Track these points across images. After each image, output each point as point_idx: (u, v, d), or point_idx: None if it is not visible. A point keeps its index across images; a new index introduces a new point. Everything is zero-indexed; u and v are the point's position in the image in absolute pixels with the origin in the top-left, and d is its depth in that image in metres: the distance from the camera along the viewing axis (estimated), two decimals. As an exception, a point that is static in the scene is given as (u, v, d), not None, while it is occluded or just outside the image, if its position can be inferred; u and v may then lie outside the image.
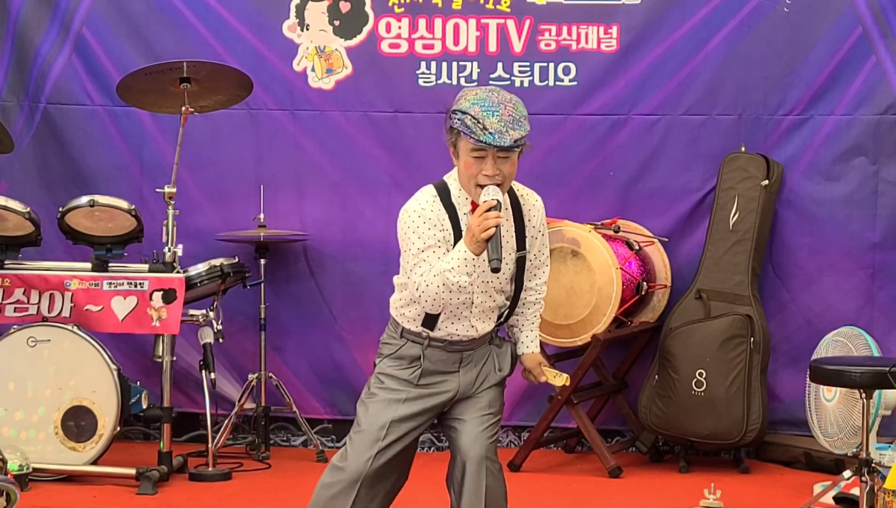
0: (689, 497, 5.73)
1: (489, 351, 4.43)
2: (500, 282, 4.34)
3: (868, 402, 5.29)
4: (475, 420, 4.39)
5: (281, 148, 7.00)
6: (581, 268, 6.32)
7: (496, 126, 4.22)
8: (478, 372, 4.40)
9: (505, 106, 4.26)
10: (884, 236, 6.59)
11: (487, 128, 4.22)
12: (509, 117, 4.25)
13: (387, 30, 6.91)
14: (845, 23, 6.59)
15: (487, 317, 4.37)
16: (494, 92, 4.32)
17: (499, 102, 4.26)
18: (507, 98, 4.29)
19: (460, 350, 4.38)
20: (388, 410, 4.36)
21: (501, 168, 4.26)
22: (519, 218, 4.38)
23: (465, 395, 4.40)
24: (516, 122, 4.25)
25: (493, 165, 4.25)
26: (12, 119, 7.04)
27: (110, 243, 6.28)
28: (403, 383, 4.37)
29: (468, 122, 4.24)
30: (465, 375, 4.40)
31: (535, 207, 4.41)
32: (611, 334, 6.40)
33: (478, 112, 4.24)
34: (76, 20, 7.00)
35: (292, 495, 6.00)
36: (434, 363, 4.37)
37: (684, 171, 6.78)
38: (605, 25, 6.78)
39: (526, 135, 4.27)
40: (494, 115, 4.23)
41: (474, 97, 4.28)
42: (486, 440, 4.36)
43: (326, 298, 6.99)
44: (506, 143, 4.22)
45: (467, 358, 4.39)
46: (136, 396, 6.19)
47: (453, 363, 4.38)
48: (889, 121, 6.59)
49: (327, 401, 7.03)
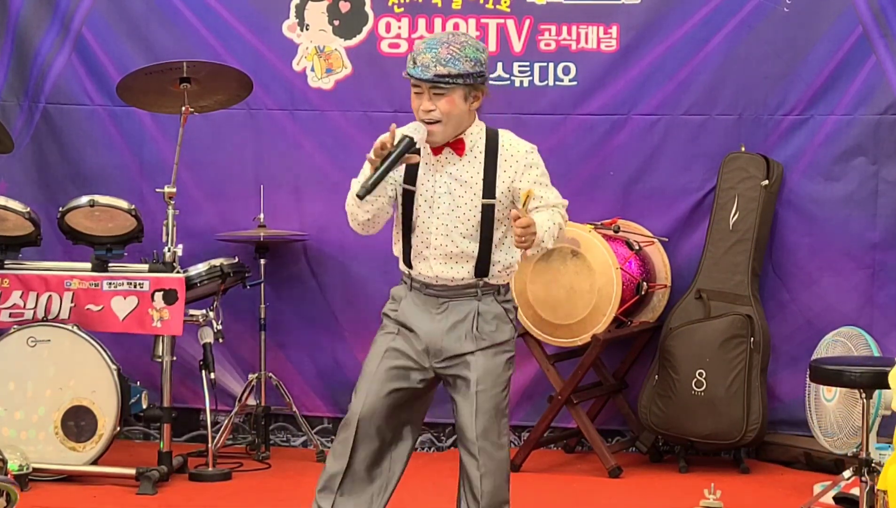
0: (689, 497, 5.73)
1: (472, 309, 4.36)
2: (462, 228, 4.32)
3: (868, 402, 5.30)
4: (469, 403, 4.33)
5: (281, 148, 7.00)
6: (581, 268, 6.32)
7: (425, 60, 4.28)
8: (451, 326, 4.34)
9: (450, 45, 4.29)
10: (884, 236, 6.59)
11: (417, 62, 4.30)
12: (447, 55, 4.27)
13: (386, 30, 6.91)
14: (845, 23, 6.58)
15: (451, 262, 4.34)
16: (452, 34, 4.37)
17: (444, 42, 4.30)
18: (458, 40, 4.31)
19: (435, 295, 4.36)
20: (383, 346, 4.40)
21: (437, 104, 4.30)
22: (491, 166, 4.35)
23: (438, 353, 4.34)
24: (454, 60, 4.27)
25: (428, 101, 4.31)
26: (12, 119, 7.04)
27: (110, 243, 6.28)
28: (393, 322, 4.42)
29: (408, 58, 4.35)
30: (435, 323, 4.36)
31: (514, 155, 4.36)
32: (611, 334, 6.40)
33: (419, 48, 4.33)
34: (76, 20, 7.00)
35: (292, 495, 6.00)
36: (415, 305, 4.38)
37: (684, 171, 6.78)
38: (605, 25, 6.78)
39: (461, 74, 4.26)
40: (431, 50, 4.29)
41: (430, 36, 4.40)
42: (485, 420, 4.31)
43: (327, 297, 6.99)
44: (425, 76, 4.27)
45: (443, 306, 4.35)
46: (136, 396, 6.19)
47: (430, 309, 4.36)
48: (889, 121, 6.59)
49: (329, 400, 7.03)
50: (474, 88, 4.34)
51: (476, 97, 4.36)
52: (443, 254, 4.34)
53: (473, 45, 4.32)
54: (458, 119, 4.33)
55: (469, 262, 4.34)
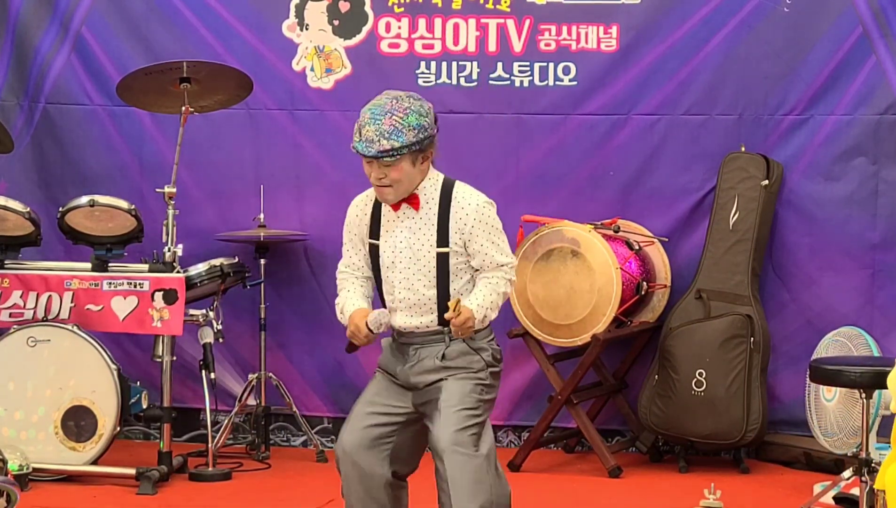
0: (689, 497, 5.73)
1: (439, 353, 4.46)
2: (422, 279, 4.46)
3: (868, 402, 5.30)
4: (439, 419, 4.41)
5: (280, 148, 7.00)
6: (581, 268, 6.32)
7: (370, 135, 4.40)
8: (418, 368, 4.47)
9: (392, 116, 4.40)
10: (884, 236, 6.59)
11: (362, 135, 4.43)
12: (389, 127, 4.39)
13: (386, 29, 6.91)
14: (845, 23, 6.58)
15: (416, 312, 4.48)
16: (395, 100, 4.44)
17: (388, 111, 4.41)
18: (402, 107, 4.41)
19: (407, 343, 4.51)
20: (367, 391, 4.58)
21: (387, 173, 4.42)
22: (444, 216, 4.47)
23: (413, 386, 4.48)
24: (396, 132, 4.38)
25: (377, 170, 4.44)
26: (12, 119, 7.04)
27: (110, 243, 6.28)
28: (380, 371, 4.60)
29: (355, 127, 4.46)
30: (407, 367, 4.49)
31: (465, 209, 4.46)
32: (611, 334, 6.40)
33: (364, 119, 4.44)
34: (75, 20, 7.00)
35: (292, 495, 6.00)
36: (392, 352, 4.56)
37: (684, 171, 6.78)
38: (605, 25, 6.78)
39: (405, 145, 4.37)
40: (375, 123, 4.41)
41: (374, 102, 4.47)
42: (453, 431, 4.36)
43: (327, 297, 6.98)
44: (369, 152, 4.40)
45: (414, 353, 4.49)
46: (136, 396, 6.19)
47: (403, 355, 4.51)
48: (889, 121, 6.59)
49: (330, 399, 7.03)
50: (421, 152, 4.44)
51: (425, 158, 4.48)
52: (407, 306, 4.49)
53: (416, 112, 4.42)
54: (408, 182, 4.46)
55: (432, 310, 4.48)
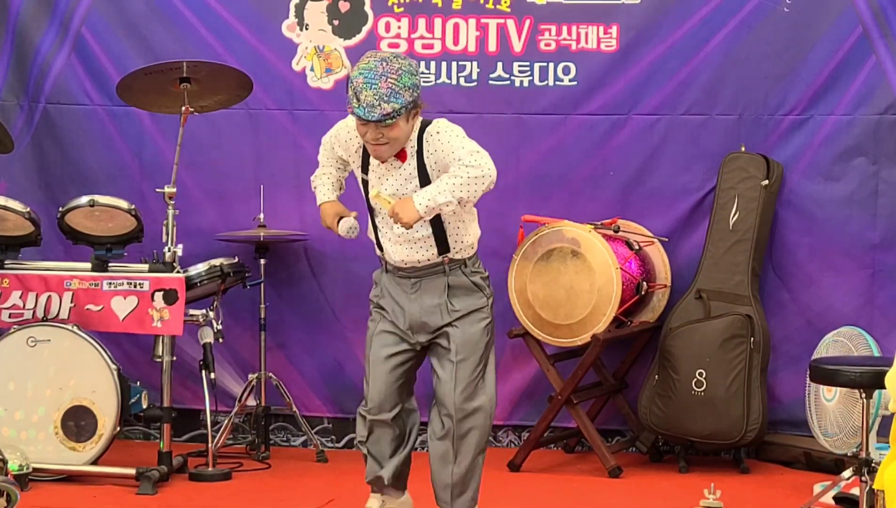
0: (689, 497, 5.73)
1: (442, 284, 4.81)
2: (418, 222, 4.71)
3: (868, 402, 5.30)
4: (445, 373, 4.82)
5: (280, 148, 7.00)
6: (581, 268, 6.32)
7: (369, 100, 4.55)
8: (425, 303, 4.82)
9: (387, 78, 4.56)
10: (884, 236, 6.59)
11: (361, 101, 4.56)
12: (387, 90, 4.55)
13: (386, 29, 6.91)
14: (845, 23, 6.58)
15: (414, 246, 4.81)
16: (384, 61, 4.61)
17: (381, 74, 4.56)
18: (394, 68, 4.58)
19: (407, 277, 4.84)
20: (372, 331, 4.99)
21: (385, 132, 4.62)
22: (421, 159, 4.72)
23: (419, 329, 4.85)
24: (394, 94, 4.56)
25: (374, 131, 4.62)
26: (12, 119, 7.04)
27: (110, 243, 6.28)
28: (377, 308, 4.97)
29: (350, 92, 4.60)
30: (411, 302, 4.85)
31: (431, 142, 4.70)
32: (611, 334, 6.40)
33: (359, 83, 4.58)
34: (75, 20, 7.00)
35: (292, 495, 6.00)
36: (390, 287, 4.89)
37: (684, 171, 6.78)
38: (605, 25, 6.78)
39: (404, 105, 4.57)
40: (372, 87, 4.55)
41: (364, 66, 4.60)
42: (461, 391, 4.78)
43: (327, 297, 6.99)
44: (373, 117, 4.57)
45: (415, 285, 4.83)
46: (136, 396, 6.19)
47: (405, 289, 4.85)
48: (889, 121, 6.59)
49: (330, 400, 7.04)
50: (415, 108, 4.67)
51: (416, 113, 4.70)
52: (405, 240, 4.80)
53: (408, 70, 4.62)
54: (403, 138, 4.69)
55: (428, 242, 4.80)
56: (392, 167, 4.75)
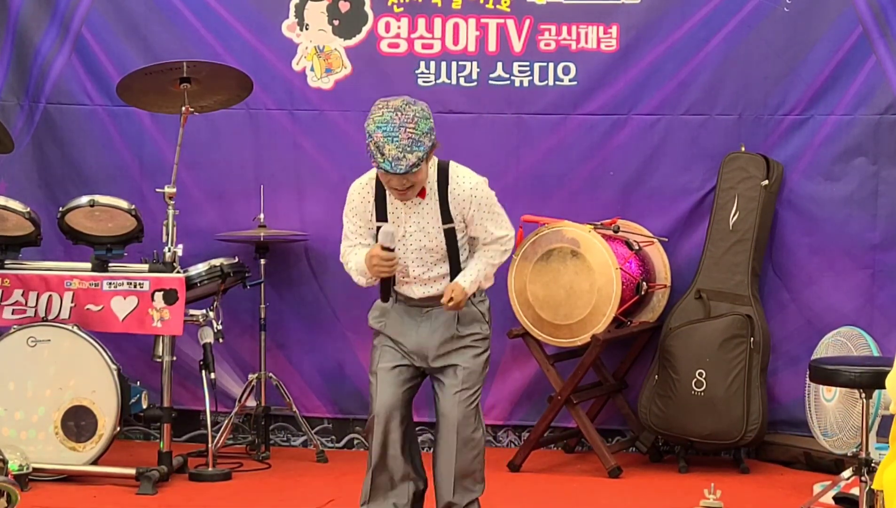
0: (689, 497, 5.73)
1: (449, 314, 4.97)
2: (434, 255, 4.94)
3: (868, 402, 5.30)
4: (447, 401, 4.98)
5: (280, 148, 7.00)
6: (581, 268, 6.32)
7: (394, 153, 4.69)
8: (434, 331, 4.98)
9: (405, 129, 4.71)
10: (884, 236, 6.59)
11: (386, 155, 4.70)
12: (408, 141, 4.70)
13: (386, 29, 6.91)
14: (845, 23, 6.58)
15: (431, 283, 4.98)
16: (398, 111, 4.74)
17: (399, 125, 4.71)
18: (409, 117, 4.73)
19: (419, 306, 5.00)
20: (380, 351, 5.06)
21: (409, 179, 4.77)
22: (444, 197, 4.90)
23: (425, 355, 4.99)
24: (415, 144, 4.70)
25: (399, 180, 4.77)
26: (12, 119, 7.04)
27: (110, 243, 6.28)
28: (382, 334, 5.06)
29: (372, 147, 4.74)
30: (420, 330, 5.00)
31: (460, 194, 4.89)
32: (611, 334, 6.40)
33: (379, 138, 4.72)
34: (75, 20, 7.01)
35: (292, 495, 6.00)
36: (400, 315, 5.02)
37: (684, 171, 6.78)
38: (605, 25, 6.78)
39: (425, 152, 4.72)
40: (394, 141, 4.70)
41: (380, 119, 4.74)
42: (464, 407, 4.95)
43: (328, 297, 6.99)
44: (401, 170, 4.72)
45: (425, 313, 5.00)
46: (136, 396, 6.19)
47: (413, 317, 5.00)
48: (889, 121, 6.59)
49: (330, 400, 7.03)
50: (432, 148, 4.80)
51: (433, 153, 4.85)
52: (421, 281, 4.98)
53: (422, 116, 4.76)
54: (424, 178, 4.86)
55: (444, 279, 4.99)
56: (413, 206, 4.91)
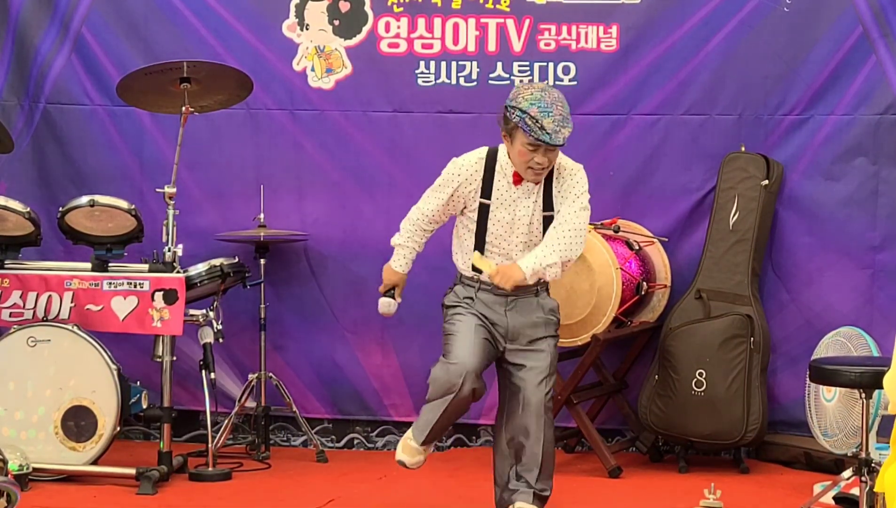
0: (689, 497, 5.73)
1: (534, 303, 5.35)
2: (532, 243, 5.32)
3: (868, 402, 5.30)
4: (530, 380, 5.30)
5: (281, 148, 7.00)
6: (581, 268, 6.31)
7: (551, 126, 5.14)
8: (525, 320, 5.32)
9: (556, 106, 5.17)
10: (884, 236, 6.58)
11: (545, 127, 5.13)
12: (560, 117, 5.17)
13: (386, 29, 6.91)
14: (845, 23, 6.58)
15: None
16: (546, 91, 5.22)
17: (552, 102, 5.17)
18: (556, 97, 5.20)
19: (505, 295, 5.31)
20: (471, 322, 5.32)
21: (549, 157, 5.23)
22: (549, 185, 5.31)
23: (517, 337, 5.33)
24: (566, 119, 5.19)
25: (543, 155, 5.20)
26: (12, 119, 7.04)
27: (110, 243, 6.28)
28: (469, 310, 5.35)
29: (528, 120, 5.14)
30: (512, 318, 5.32)
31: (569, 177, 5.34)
32: (611, 334, 6.40)
33: (536, 113, 5.13)
34: (75, 20, 7.00)
35: (292, 495, 6.00)
36: (486, 303, 5.33)
37: (684, 171, 6.78)
38: (605, 25, 6.78)
39: (572, 129, 5.19)
40: (549, 115, 5.14)
41: (531, 97, 5.17)
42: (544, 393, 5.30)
43: (328, 297, 6.99)
44: (559, 141, 5.18)
45: (511, 303, 5.33)
46: (136, 396, 6.19)
47: (500, 306, 5.32)
48: (889, 121, 6.59)
49: (329, 401, 7.03)
50: None
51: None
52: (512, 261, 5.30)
53: (565, 99, 5.25)
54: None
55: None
56: (525, 189, 5.30)
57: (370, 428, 7.05)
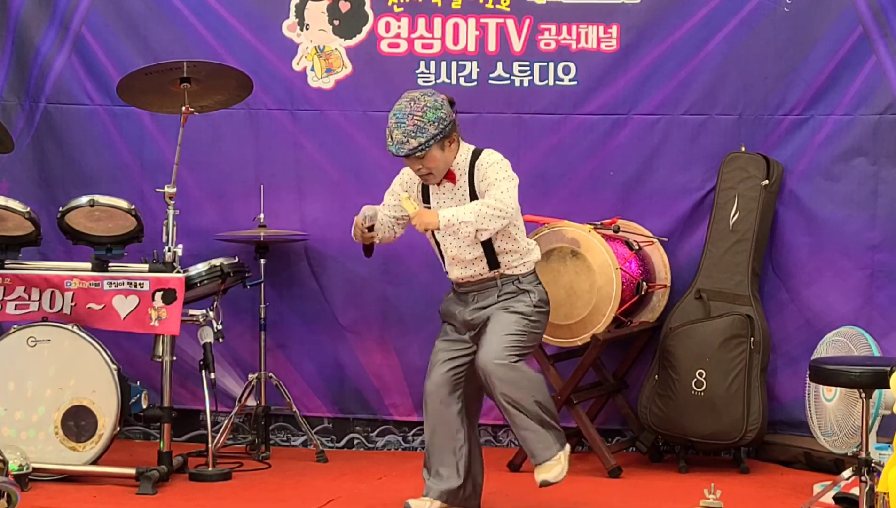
0: (689, 497, 5.73)
1: (494, 293, 5.39)
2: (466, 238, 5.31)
3: (868, 402, 5.30)
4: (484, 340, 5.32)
5: (281, 148, 7.00)
6: (581, 268, 6.31)
7: (399, 137, 5.21)
8: (486, 304, 5.38)
9: (413, 116, 5.19)
10: (883, 236, 6.58)
11: (393, 139, 5.24)
12: (413, 127, 5.18)
13: (386, 29, 6.91)
14: (845, 23, 6.58)
15: (468, 266, 5.39)
16: (414, 101, 5.23)
17: (410, 113, 5.20)
18: (419, 106, 5.21)
19: (465, 292, 5.44)
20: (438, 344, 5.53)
21: (423, 163, 5.28)
22: (472, 181, 5.33)
23: (477, 324, 5.39)
24: (419, 130, 5.18)
25: (414, 163, 5.30)
26: (13, 119, 7.04)
27: (110, 243, 6.28)
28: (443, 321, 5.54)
29: (386, 132, 5.26)
30: (469, 311, 5.42)
31: (482, 169, 5.33)
32: (611, 334, 6.40)
33: (392, 124, 5.23)
34: (75, 20, 7.01)
35: (292, 495, 6.00)
36: (453, 302, 5.49)
37: (684, 171, 6.78)
38: (605, 25, 6.78)
39: (429, 138, 5.19)
40: (401, 126, 5.20)
41: (397, 107, 5.26)
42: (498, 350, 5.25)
43: (328, 297, 6.99)
44: (402, 153, 5.24)
45: (473, 299, 5.42)
46: (136, 396, 6.19)
47: (464, 302, 5.44)
48: (889, 121, 6.59)
49: (330, 400, 7.04)
50: (446, 137, 5.26)
51: (451, 141, 5.30)
52: (459, 262, 5.40)
53: (432, 107, 5.22)
54: (443, 164, 5.32)
55: (480, 261, 5.38)
56: (445, 189, 5.38)
57: (370, 428, 7.05)
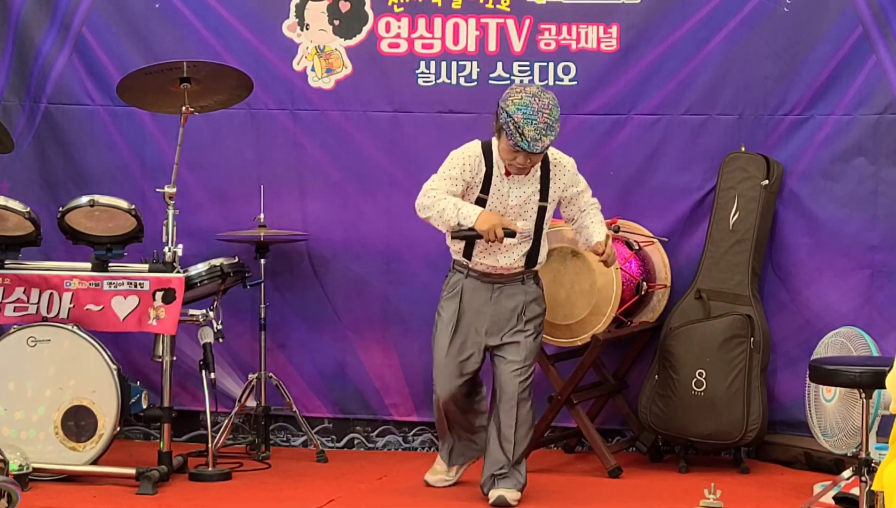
0: (689, 497, 5.72)
1: (520, 291, 5.62)
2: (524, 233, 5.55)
3: (867, 402, 5.30)
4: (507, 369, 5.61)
5: (281, 148, 7.00)
6: (581, 268, 6.32)
7: (532, 134, 5.32)
8: (509, 305, 5.59)
9: (542, 113, 5.33)
10: (883, 236, 6.58)
11: (525, 135, 5.33)
12: (544, 125, 5.33)
13: (386, 29, 6.91)
14: (845, 23, 6.58)
15: (513, 255, 5.59)
16: (536, 97, 5.37)
17: (538, 110, 5.33)
18: (545, 104, 5.36)
19: (490, 282, 5.58)
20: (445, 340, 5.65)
21: (532, 159, 5.44)
22: (545, 177, 5.57)
23: (497, 331, 5.61)
24: (549, 128, 5.35)
25: (524, 160, 5.43)
26: (13, 119, 7.04)
27: (110, 243, 6.28)
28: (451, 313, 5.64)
29: (511, 126, 5.34)
30: (496, 305, 5.60)
31: (562, 172, 5.65)
32: (611, 334, 6.40)
33: (519, 119, 5.32)
34: (76, 20, 7.01)
35: (292, 495, 6.00)
36: (474, 290, 5.58)
37: (684, 171, 6.78)
38: (605, 25, 6.78)
39: (556, 136, 5.39)
40: (532, 123, 5.31)
41: (520, 101, 5.36)
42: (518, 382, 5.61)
43: (328, 297, 6.99)
44: (537, 150, 5.38)
45: (497, 290, 5.58)
46: (136, 396, 6.19)
47: (487, 292, 5.58)
48: (889, 121, 6.59)
49: (330, 400, 7.04)
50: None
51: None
52: (508, 250, 5.56)
53: (554, 104, 5.43)
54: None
55: (520, 253, 5.61)
56: (515, 179, 5.54)
57: (370, 428, 7.05)
